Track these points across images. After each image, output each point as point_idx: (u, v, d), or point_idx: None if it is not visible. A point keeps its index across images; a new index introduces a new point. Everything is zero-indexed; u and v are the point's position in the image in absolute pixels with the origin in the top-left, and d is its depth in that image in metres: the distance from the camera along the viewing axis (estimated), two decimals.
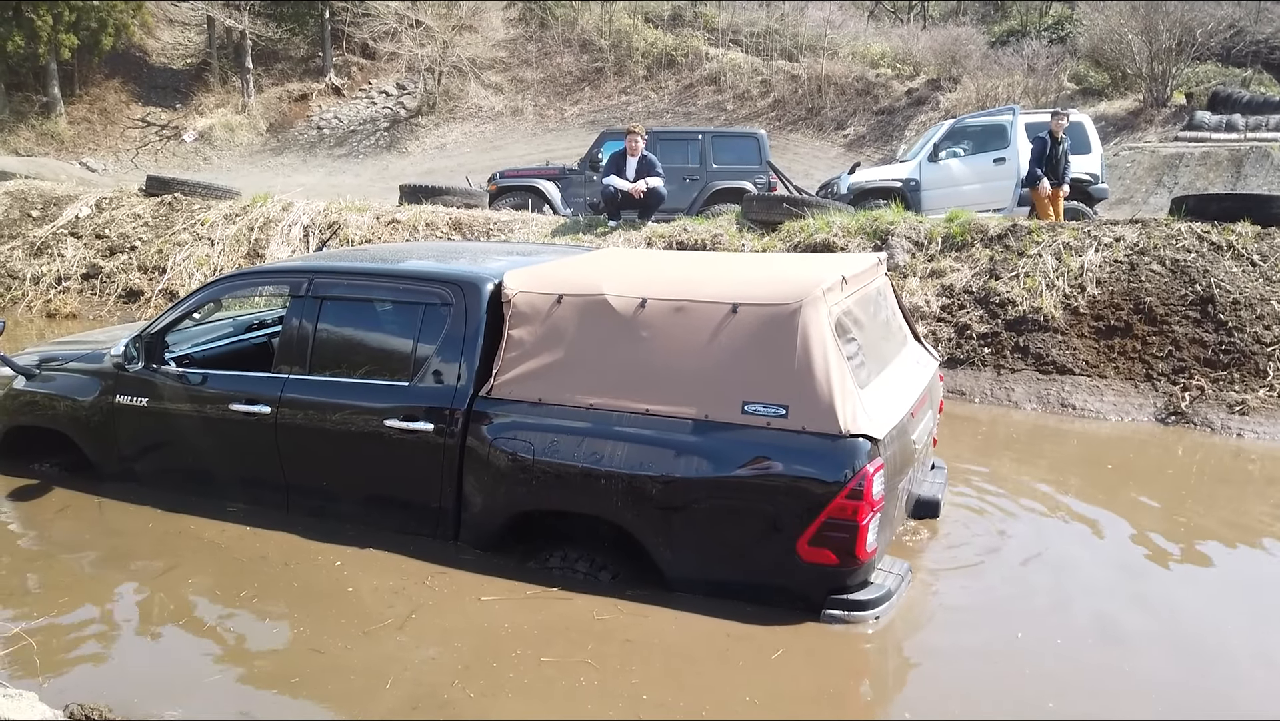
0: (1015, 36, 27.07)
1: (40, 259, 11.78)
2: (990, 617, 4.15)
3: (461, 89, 27.81)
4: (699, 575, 4.03)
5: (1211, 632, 4.06)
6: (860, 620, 3.83)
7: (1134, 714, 3.41)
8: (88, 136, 26.57)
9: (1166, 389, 7.71)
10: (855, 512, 3.64)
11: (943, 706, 3.44)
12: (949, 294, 8.87)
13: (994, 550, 4.88)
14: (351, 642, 3.77)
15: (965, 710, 3.40)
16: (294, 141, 27.21)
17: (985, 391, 8.16)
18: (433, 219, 11.25)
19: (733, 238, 9.94)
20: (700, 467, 3.88)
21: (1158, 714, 3.41)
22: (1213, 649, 3.92)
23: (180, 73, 29.44)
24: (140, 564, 4.50)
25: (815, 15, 29.19)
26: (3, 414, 5.58)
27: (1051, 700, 3.45)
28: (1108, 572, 4.69)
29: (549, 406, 4.17)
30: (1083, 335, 8.23)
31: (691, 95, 27.05)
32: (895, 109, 24.74)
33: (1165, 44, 20.30)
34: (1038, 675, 3.64)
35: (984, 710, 3.38)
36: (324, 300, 4.77)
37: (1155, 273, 8.37)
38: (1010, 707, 3.40)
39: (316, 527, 4.71)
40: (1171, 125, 19.62)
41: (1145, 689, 3.60)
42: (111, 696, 3.32)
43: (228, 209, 11.94)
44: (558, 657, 3.66)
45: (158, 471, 5.19)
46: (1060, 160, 10.95)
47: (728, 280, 4.30)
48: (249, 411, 4.76)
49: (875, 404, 3.91)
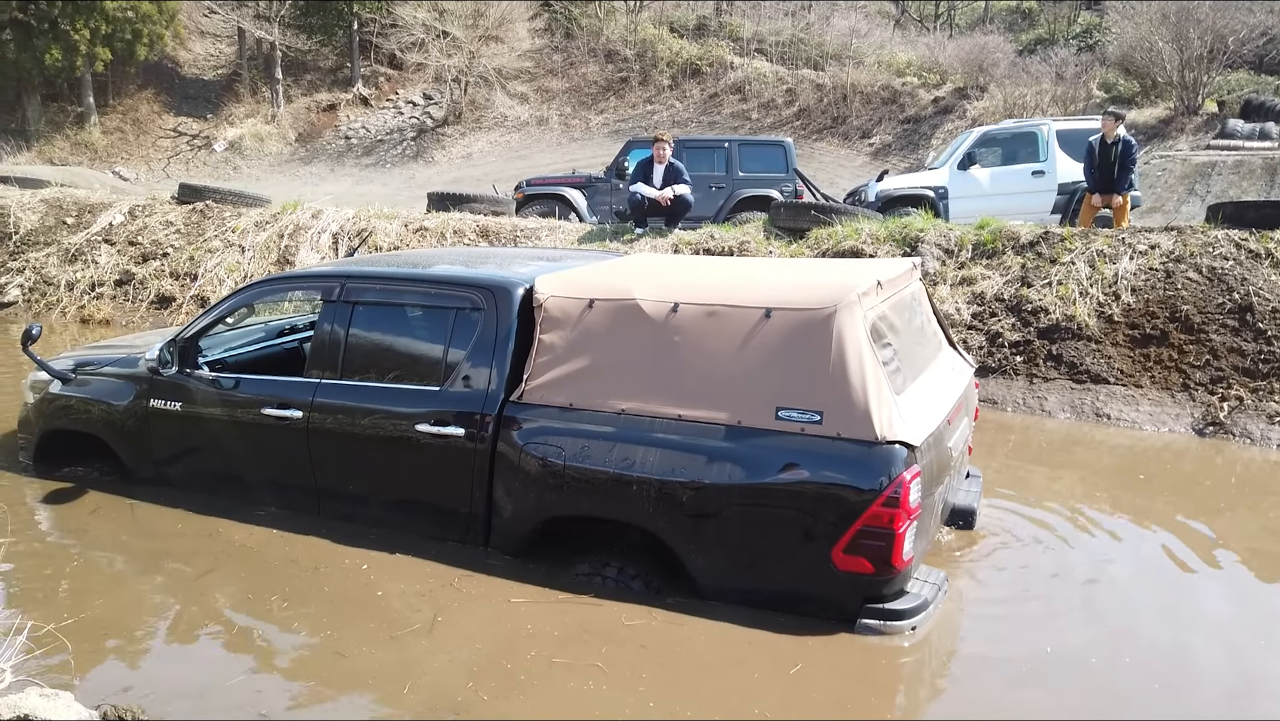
0: (1043, 45, 26.86)
1: (75, 265, 11.93)
2: (1023, 630, 4.06)
3: (487, 99, 27.95)
4: (731, 583, 3.98)
5: (1245, 647, 3.97)
6: (896, 630, 3.77)
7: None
8: (120, 146, 26.93)
9: (1204, 398, 7.58)
10: (891, 520, 3.59)
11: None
12: (980, 301, 8.78)
13: (1029, 562, 4.80)
14: (376, 647, 3.77)
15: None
16: (322, 151, 27.45)
17: (1017, 400, 8.06)
18: (460, 226, 11.29)
19: (760, 245, 9.90)
20: (733, 474, 3.85)
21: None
22: (1252, 665, 3.82)
23: (211, 83, 29.81)
24: (172, 566, 4.51)
25: (841, 24, 29.12)
26: (39, 418, 5.63)
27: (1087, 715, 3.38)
28: (1145, 585, 4.61)
29: (580, 411, 4.15)
30: (1117, 344, 8.11)
31: (716, 104, 27.04)
32: (921, 117, 24.61)
33: (1196, 52, 20.05)
34: (1069, 691, 3.56)
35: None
36: (356, 305, 4.78)
37: (1192, 280, 8.24)
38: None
39: (347, 532, 4.72)
40: (1203, 134, 19.36)
41: (1183, 704, 3.52)
42: (142, 697, 3.35)
43: (258, 216, 12.05)
44: (569, 660, 3.64)
45: (190, 475, 5.22)
46: (1113, 166, 10.15)
47: (761, 284, 4.26)
48: (281, 416, 4.78)
49: (911, 410, 3.86)
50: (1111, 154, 10.18)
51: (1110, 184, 10.21)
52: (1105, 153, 10.22)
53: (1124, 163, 10.17)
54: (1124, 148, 10.18)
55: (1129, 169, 10.21)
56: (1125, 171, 10.19)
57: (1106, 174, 10.21)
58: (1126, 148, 10.19)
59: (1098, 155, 10.23)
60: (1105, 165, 10.22)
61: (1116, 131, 10.19)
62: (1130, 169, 10.23)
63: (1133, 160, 10.23)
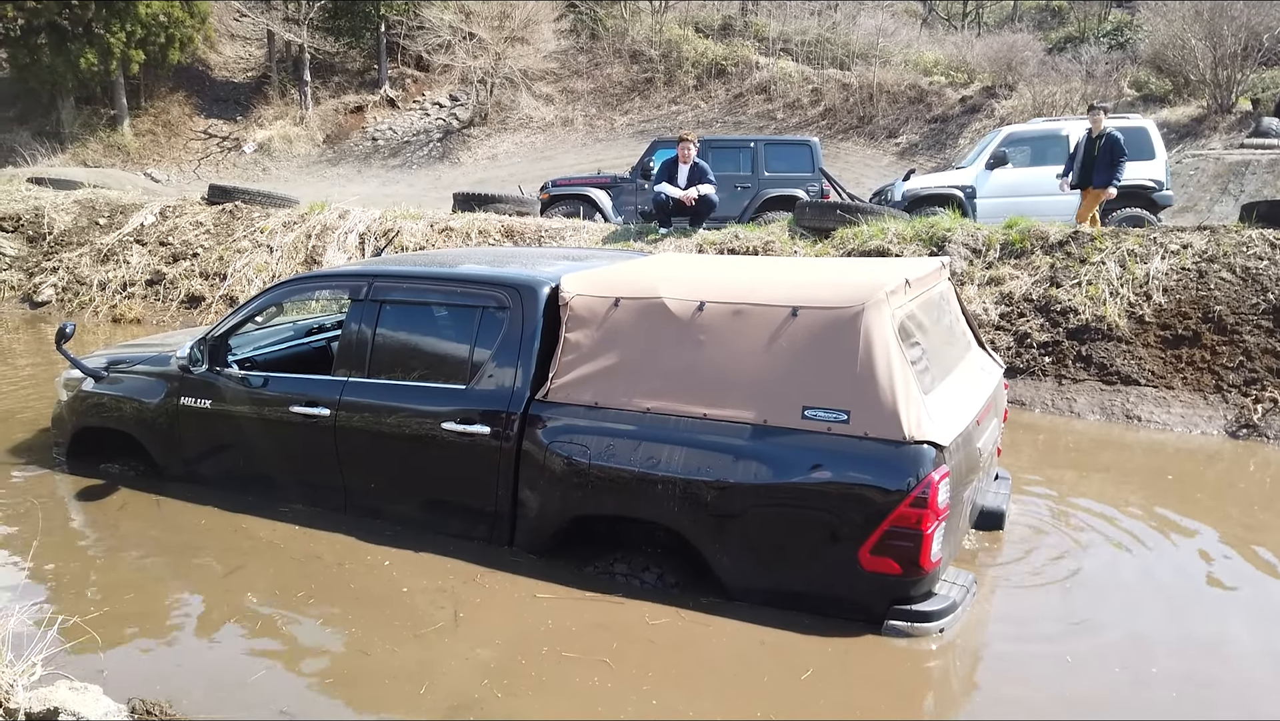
0: (1073, 43, 26.57)
1: (107, 265, 12.10)
2: (1051, 635, 4.01)
3: (513, 100, 28.04)
4: (757, 583, 3.96)
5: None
6: (924, 632, 3.73)
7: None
8: (152, 148, 27.27)
9: (1237, 400, 7.46)
10: (920, 521, 3.55)
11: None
12: (1008, 302, 8.69)
13: (1058, 564, 4.74)
14: (399, 645, 3.79)
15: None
16: (350, 152, 27.65)
17: (1046, 401, 7.97)
18: (485, 226, 11.34)
19: (785, 244, 9.86)
20: (758, 473, 3.82)
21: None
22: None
23: (241, 86, 30.12)
24: (201, 562, 4.56)
25: (867, 24, 28.93)
26: (72, 415, 5.71)
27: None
28: (1175, 589, 4.53)
29: (605, 410, 4.15)
30: (1148, 345, 8.00)
31: (741, 104, 26.96)
32: (949, 116, 24.39)
33: (1230, 49, 19.74)
34: (1092, 697, 3.51)
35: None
36: (383, 304, 4.81)
37: (1225, 281, 8.12)
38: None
39: (373, 529, 4.75)
40: (1236, 132, 19.06)
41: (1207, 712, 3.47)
42: (170, 691, 3.39)
43: (286, 217, 12.16)
44: (579, 654, 3.66)
45: (219, 472, 5.27)
46: (1095, 161, 10.06)
47: (787, 283, 4.24)
48: (309, 414, 4.81)
49: (940, 410, 3.82)
50: (1095, 148, 10.14)
51: (1089, 178, 10.16)
52: (1089, 147, 10.18)
53: (1107, 158, 10.04)
54: (1108, 143, 10.07)
55: (1113, 165, 10.03)
56: (1109, 168, 10.05)
57: (1088, 168, 10.17)
58: (1112, 143, 10.06)
59: (1082, 149, 10.18)
60: (1088, 159, 10.19)
61: (1103, 126, 10.13)
62: (1114, 166, 10.04)
63: (1117, 157, 10.03)
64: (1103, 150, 10.09)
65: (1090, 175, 10.20)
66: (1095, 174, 10.16)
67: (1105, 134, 10.13)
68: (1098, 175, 10.15)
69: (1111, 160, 10.05)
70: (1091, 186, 10.23)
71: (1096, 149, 10.13)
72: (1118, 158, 10.03)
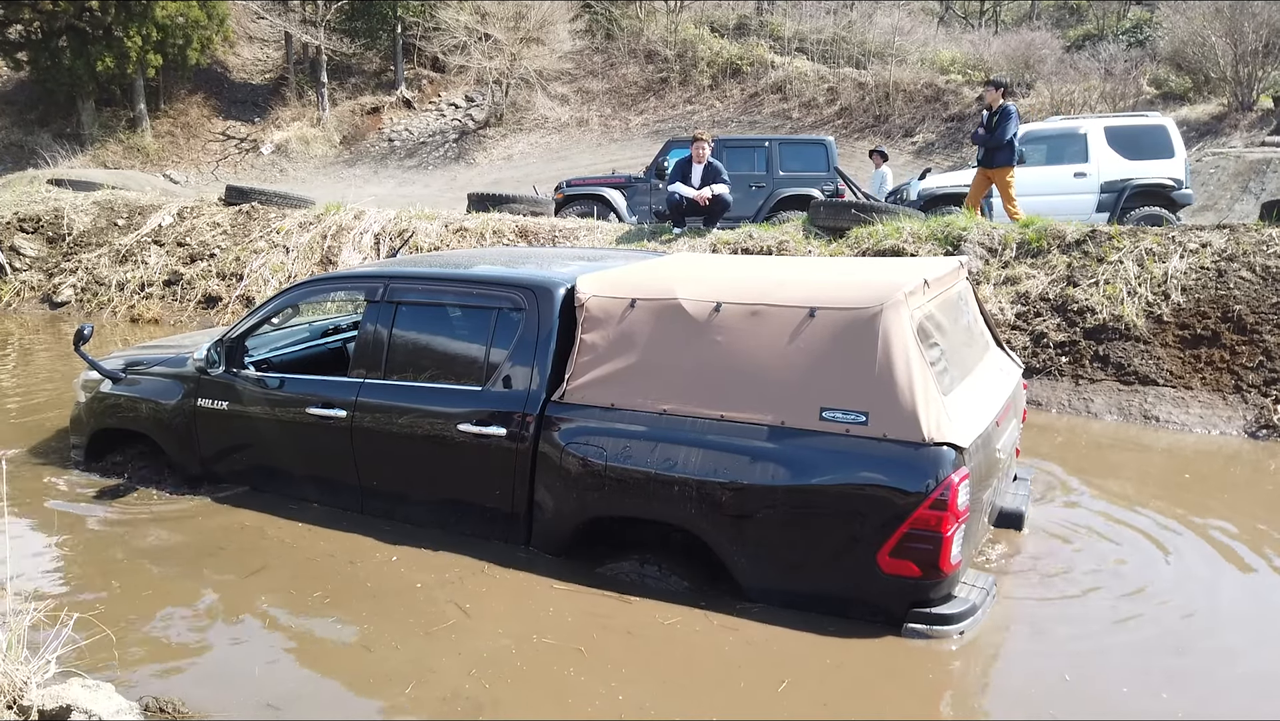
0: (1092, 40, 26.37)
1: (125, 266, 12.19)
2: (1070, 637, 3.97)
3: (528, 100, 28.09)
4: (775, 585, 3.94)
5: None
6: (944, 635, 3.70)
7: None
8: (171, 150, 27.46)
9: (1257, 401, 7.37)
10: (939, 523, 3.52)
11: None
12: (1024, 301, 8.62)
13: (1077, 566, 4.69)
14: (404, 642, 3.80)
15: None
16: (366, 153, 27.76)
17: (1063, 402, 7.91)
18: (500, 226, 11.35)
19: (799, 244, 9.82)
20: (776, 475, 3.80)
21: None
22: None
23: (259, 88, 30.29)
24: (216, 562, 4.58)
25: (883, 22, 28.80)
26: (90, 416, 5.75)
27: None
28: (1193, 590, 4.47)
29: (621, 411, 4.14)
30: (1167, 344, 7.92)
31: (757, 104, 26.90)
32: (966, 115, 24.24)
33: (1251, 46, 19.56)
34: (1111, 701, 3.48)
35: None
36: (399, 305, 4.81)
37: (1245, 280, 8.03)
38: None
39: (389, 530, 4.76)
40: (1258, 130, 18.89)
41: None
42: (183, 690, 3.43)
43: (302, 217, 12.21)
44: (556, 641, 3.73)
45: (236, 473, 5.30)
46: (985, 137, 9.82)
47: (804, 284, 4.21)
48: (325, 415, 4.82)
49: (959, 411, 3.79)
50: (992, 123, 9.90)
51: (991, 157, 9.96)
52: (987, 123, 9.96)
53: (996, 130, 9.77)
54: (1000, 117, 9.81)
55: (1001, 138, 9.75)
56: (999, 144, 9.79)
57: (989, 147, 9.97)
58: (1003, 117, 9.78)
59: (984, 127, 9.97)
60: (978, 135, 10.03)
61: (998, 101, 9.89)
62: (1002, 138, 9.74)
63: (1006, 131, 9.74)
64: (998, 125, 9.83)
65: (992, 155, 9.97)
66: (992, 152, 9.95)
67: (1002, 108, 9.87)
68: (995, 153, 9.93)
69: (999, 134, 9.78)
70: (993, 165, 10.00)
71: (993, 124, 9.89)
72: (1004, 133, 9.76)
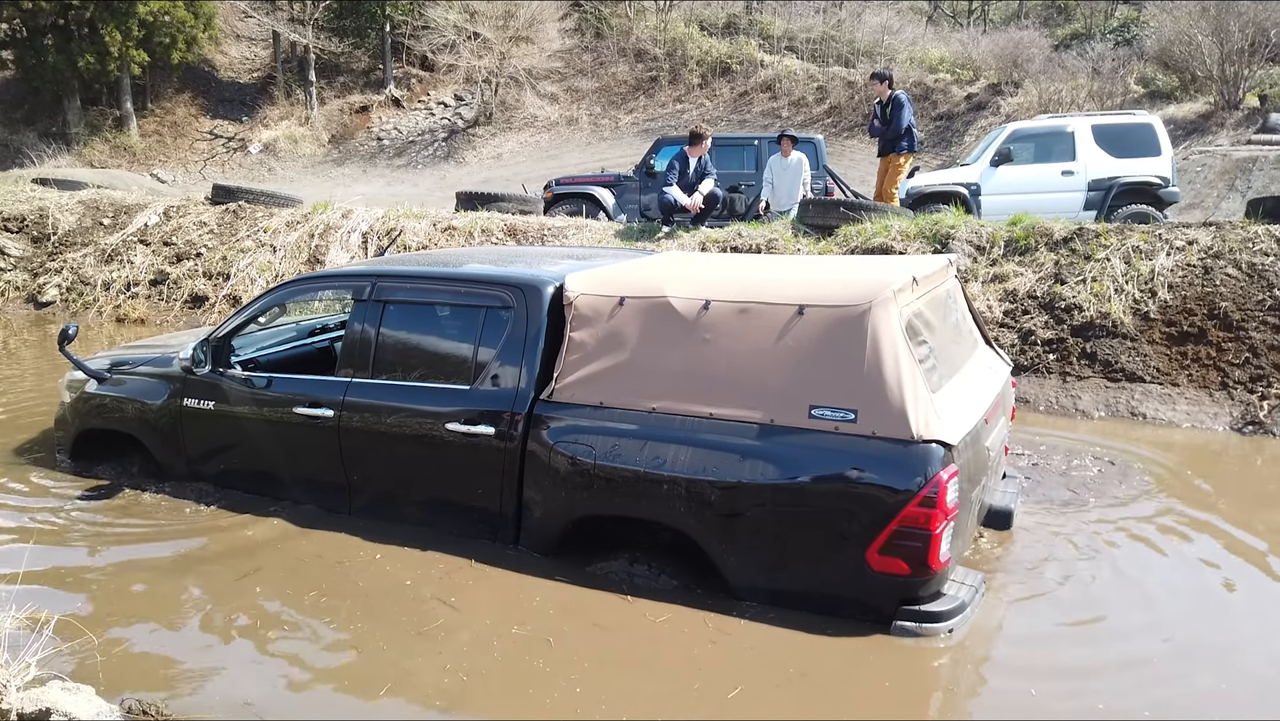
0: (1079, 39, 26.46)
1: (110, 266, 12.11)
2: (1059, 633, 3.98)
3: (518, 99, 28.03)
4: (764, 583, 3.94)
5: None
6: (933, 632, 3.71)
7: None
8: (158, 149, 27.31)
9: (1244, 397, 7.41)
10: (928, 521, 3.52)
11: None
12: (1012, 299, 8.64)
13: (1067, 563, 4.70)
14: (390, 643, 3.79)
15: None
16: (355, 152, 27.66)
17: (1050, 399, 7.93)
18: (488, 225, 11.32)
19: (788, 242, 9.82)
20: (765, 473, 3.80)
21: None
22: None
23: (246, 86, 30.15)
24: (201, 563, 4.55)
25: (872, 21, 28.85)
26: (75, 416, 5.70)
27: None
28: (1186, 588, 4.49)
29: (610, 410, 4.13)
30: (1154, 341, 7.96)
31: (746, 103, 26.90)
32: (954, 114, 24.32)
33: (1237, 45, 19.64)
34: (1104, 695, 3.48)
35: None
36: (386, 304, 4.79)
37: (1231, 277, 8.07)
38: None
39: (377, 530, 4.73)
40: (1244, 128, 18.98)
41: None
42: (165, 692, 3.41)
43: (289, 217, 12.15)
44: (525, 630, 3.77)
45: (223, 473, 5.26)
46: (881, 129, 10.28)
47: (793, 281, 4.21)
48: (312, 414, 4.80)
49: (948, 409, 3.79)
50: (885, 115, 10.29)
51: (889, 146, 10.31)
52: (881, 115, 10.36)
53: (891, 121, 10.15)
54: (893, 107, 10.20)
55: (898, 128, 10.15)
56: (896, 133, 10.17)
57: (885, 137, 10.34)
58: (895, 107, 10.17)
59: (879, 120, 10.35)
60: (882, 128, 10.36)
61: (886, 92, 10.28)
62: (899, 127, 10.15)
63: (901, 120, 10.15)
64: (892, 116, 10.21)
65: (890, 144, 10.35)
66: (889, 140, 10.33)
67: (892, 99, 10.24)
68: (892, 141, 10.32)
69: (893, 123, 10.18)
70: (892, 153, 10.38)
71: (887, 115, 10.26)
72: (899, 121, 10.15)
